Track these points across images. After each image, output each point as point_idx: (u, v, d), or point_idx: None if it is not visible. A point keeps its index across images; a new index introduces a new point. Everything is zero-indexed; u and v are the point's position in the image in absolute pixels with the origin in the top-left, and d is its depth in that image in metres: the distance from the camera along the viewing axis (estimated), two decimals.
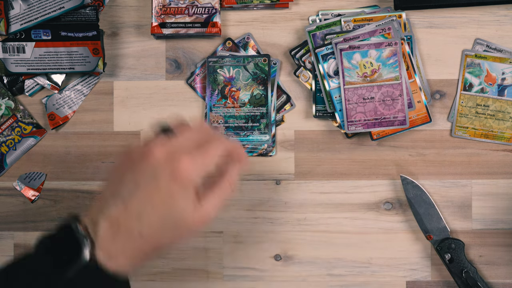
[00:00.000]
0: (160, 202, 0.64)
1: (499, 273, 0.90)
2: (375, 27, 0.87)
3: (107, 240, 0.64)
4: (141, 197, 0.64)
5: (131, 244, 0.65)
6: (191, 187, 0.63)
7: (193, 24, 0.88)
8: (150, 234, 0.65)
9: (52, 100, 0.91)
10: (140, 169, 0.65)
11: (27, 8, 0.87)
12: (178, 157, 0.64)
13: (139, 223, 0.64)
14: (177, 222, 0.64)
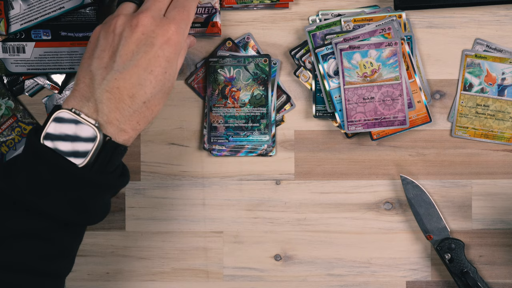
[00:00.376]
0: (159, 67, 0.70)
1: (499, 273, 0.90)
2: (375, 27, 0.87)
3: (113, 112, 0.69)
4: (140, 65, 0.70)
5: (135, 113, 0.70)
6: (183, 49, 0.74)
7: (193, 24, 0.88)
8: (151, 99, 0.70)
9: (52, 100, 0.91)
10: (132, 39, 0.70)
11: (27, 8, 0.87)
12: (168, 24, 0.71)
13: (142, 90, 0.70)
14: (171, 83, 0.72)
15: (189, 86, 0.91)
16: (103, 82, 0.68)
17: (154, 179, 0.91)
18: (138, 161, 0.91)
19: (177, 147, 0.91)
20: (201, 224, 0.91)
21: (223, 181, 0.91)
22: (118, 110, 0.68)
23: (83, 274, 0.91)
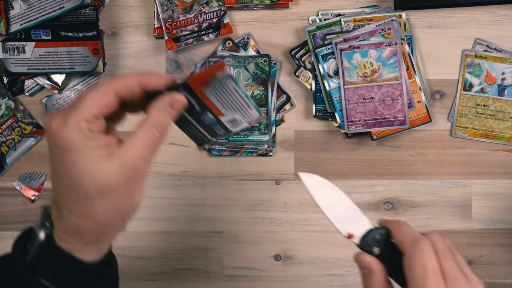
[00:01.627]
0: (60, 172, 0.58)
1: (499, 273, 0.90)
2: (375, 27, 0.87)
3: (56, 222, 0.60)
4: (51, 174, 0.59)
5: (70, 223, 0.60)
6: (78, 143, 0.56)
7: (206, 30, 0.88)
8: (75, 207, 0.59)
9: (52, 100, 0.91)
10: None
11: (27, 8, 0.87)
12: (51, 120, 0.57)
13: (61, 198, 0.59)
14: (92, 185, 0.57)
15: None
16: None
17: (154, 179, 0.91)
18: None
19: (177, 147, 0.91)
20: (201, 224, 0.91)
21: (223, 181, 0.91)
22: (57, 218, 0.61)
23: None
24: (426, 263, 0.59)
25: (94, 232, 0.60)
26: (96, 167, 0.56)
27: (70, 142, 0.56)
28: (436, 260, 0.60)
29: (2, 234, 0.92)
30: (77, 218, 0.59)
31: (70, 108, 0.57)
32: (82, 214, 0.59)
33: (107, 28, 0.91)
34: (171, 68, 0.91)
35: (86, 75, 0.91)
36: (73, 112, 0.56)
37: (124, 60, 0.91)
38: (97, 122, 0.57)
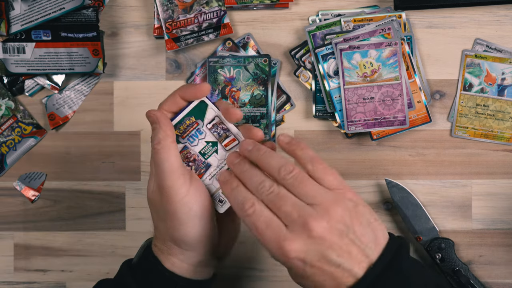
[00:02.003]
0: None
1: (499, 273, 0.90)
2: (375, 27, 0.87)
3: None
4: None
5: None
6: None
7: (206, 30, 0.88)
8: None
9: (52, 100, 0.91)
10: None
11: (27, 9, 0.87)
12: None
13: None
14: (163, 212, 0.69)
15: None
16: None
17: None
18: (138, 161, 0.91)
19: None
20: None
21: None
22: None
23: (83, 274, 0.92)
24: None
25: (158, 239, 0.71)
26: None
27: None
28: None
29: (2, 234, 0.92)
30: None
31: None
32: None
33: (107, 28, 0.91)
34: (171, 68, 0.91)
35: (86, 75, 0.91)
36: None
37: (124, 60, 0.91)
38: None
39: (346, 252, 0.60)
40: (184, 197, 0.67)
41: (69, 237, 0.92)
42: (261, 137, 0.68)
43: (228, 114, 0.69)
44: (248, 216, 0.62)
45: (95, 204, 0.92)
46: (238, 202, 0.64)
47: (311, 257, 0.60)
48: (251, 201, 0.63)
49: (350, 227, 0.61)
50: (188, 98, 0.70)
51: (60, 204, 0.92)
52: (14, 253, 0.92)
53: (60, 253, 0.92)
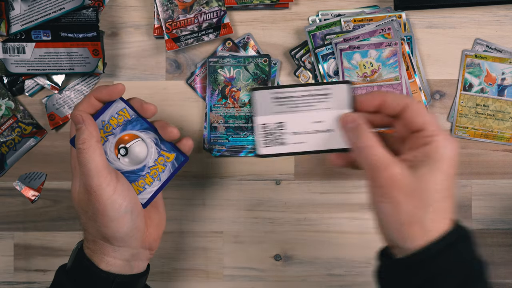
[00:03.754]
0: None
1: (499, 273, 0.90)
2: (375, 27, 0.87)
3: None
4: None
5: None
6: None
7: (206, 30, 0.88)
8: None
9: (52, 100, 0.91)
10: None
11: (27, 9, 0.87)
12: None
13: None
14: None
15: (189, 86, 0.91)
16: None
17: None
18: None
19: None
20: (201, 224, 0.91)
21: (223, 181, 0.91)
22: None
23: None
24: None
25: (88, 240, 0.72)
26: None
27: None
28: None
29: (2, 234, 0.92)
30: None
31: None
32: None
33: (107, 28, 0.91)
34: (171, 68, 0.91)
35: (86, 75, 0.91)
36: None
37: (124, 60, 0.91)
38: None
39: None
40: (113, 195, 0.69)
41: (69, 237, 0.92)
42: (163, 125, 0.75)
43: (143, 110, 0.74)
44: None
45: None
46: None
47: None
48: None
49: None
50: (103, 100, 0.73)
51: (60, 204, 0.92)
52: (14, 253, 0.92)
53: (60, 253, 0.92)
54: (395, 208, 0.63)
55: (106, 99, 0.73)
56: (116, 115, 0.73)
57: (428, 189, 0.63)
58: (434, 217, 0.63)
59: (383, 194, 0.64)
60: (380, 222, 0.65)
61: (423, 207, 0.63)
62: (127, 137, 0.73)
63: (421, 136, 0.66)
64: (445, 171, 0.64)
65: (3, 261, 0.92)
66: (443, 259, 0.63)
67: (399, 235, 0.64)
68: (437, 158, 0.64)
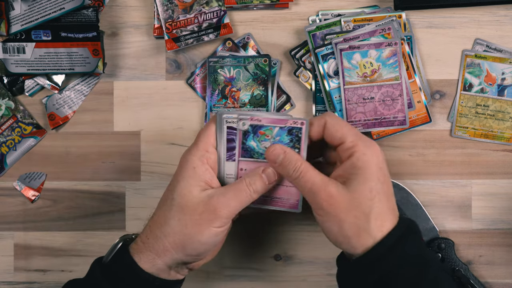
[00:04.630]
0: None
1: (499, 273, 0.90)
2: (375, 27, 0.87)
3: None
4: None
5: (146, 227, 0.74)
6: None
7: (206, 30, 0.88)
8: (156, 211, 0.74)
9: (52, 100, 0.91)
10: None
11: (27, 9, 0.87)
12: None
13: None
14: (178, 197, 0.72)
15: (189, 86, 0.91)
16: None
17: (154, 179, 0.91)
18: (138, 161, 0.91)
19: (177, 147, 0.91)
20: None
21: None
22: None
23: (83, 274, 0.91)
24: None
25: (157, 238, 0.71)
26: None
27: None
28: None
29: (2, 234, 0.92)
30: (152, 221, 0.73)
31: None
32: (158, 217, 0.73)
33: (107, 28, 0.91)
34: (171, 68, 0.91)
35: (86, 75, 0.91)
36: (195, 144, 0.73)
37: (124, 60, 0.91)
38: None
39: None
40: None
41: (69, 237, 0.92)
42: None
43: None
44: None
45: (95, 204, 0.92)
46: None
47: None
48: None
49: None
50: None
51: (60, 204, 0.92)
52: (14, 253, 0.92)
53: (60, 253, 0.92)
54: (339, 225, 0.68)
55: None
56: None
57: (363, 199, 0.68)
58: (376, 222, 0.68)
59: (326, 214, 0.69)
60: (330, 238, 0.70)
61: (364, 217, 0.67)
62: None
63: (344, 149, 0.71)
64: (372, 177, 0.68)
65: (3, 261, 0.92)
66: (392, 255, 0.67)
67: (349, 247, 0.69)
68: (362, 166, 0.69)
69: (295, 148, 0.73)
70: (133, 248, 0.72)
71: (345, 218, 0.68)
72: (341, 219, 0.68)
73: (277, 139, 0.73)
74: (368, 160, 0.69)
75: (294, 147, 0.73)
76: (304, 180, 0.70)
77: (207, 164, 0.73)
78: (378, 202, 0.68)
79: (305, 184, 0.70)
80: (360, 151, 0.69)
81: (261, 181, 0.73)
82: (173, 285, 0.74)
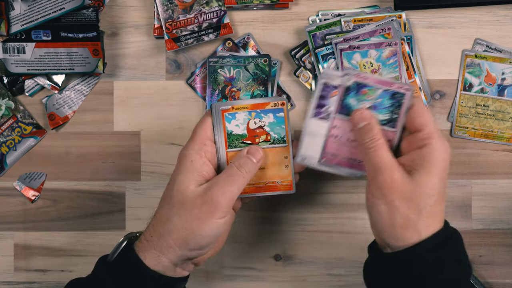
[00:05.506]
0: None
1: (498, 273, 0.90)
2: (375, 27, 0.87)
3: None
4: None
5: (150, 225, 0.74)
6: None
7: (206, 30, 0.88)
8: (158, 208, 0.75)
9: (52, 100, 0.91)
10: None
11: (27, 9, 0.87)
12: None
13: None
14: (177, 194, 0.73)
15: (189, 86, 0.91)
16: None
17: (154, 179, 0.91)
18: (138, 161, 0.91)
19: (177, 147, 0.91)
20: None
21: None
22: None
23: (83, 274, 0.91)
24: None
25: (160, 236, 0.71)
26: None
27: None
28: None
29: (2, 234, 0.92)
30: (154, 219, 0.73)
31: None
32: (159, 215, 0.73)
33: (107, 28, 0.91)
34: (171, 68, 0.91)
35: (86, 75, 0.91)
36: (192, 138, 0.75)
37: (124, 60, 0.91)
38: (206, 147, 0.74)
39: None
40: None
41: (69, 237, 0.92)
42: None
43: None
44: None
45: (95, 204, 0.92)
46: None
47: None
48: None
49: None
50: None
51: (60, 204, 0.92)
52: (14, 253, 0.92)
53: (60, 253, 0.92)
54: (391, 211, 0.66)
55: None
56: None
57: (423, 194, 0.66)
58: (427, 220, 0.66)
59: (381, 196, 0.67)
60: (374, 222, 0.68)
61: (417, 211, 0.66)
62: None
63: (418, 137, 0.69)
64: (439, 174, 0.67)
65: (3, 261, 0.92)
66: (434, 256, 0.66)
67: (392, 236, 0.67)
68: (432, 160, 0.67)
69: (394, 114, 0.72)
70: (137, 247, 0.73)
71: (399, 207, 0.66)
72: (395, 206, 0.66)
73: (379, 101, 0.73)
74: (439, 156, 0.68)
75: (393, 113, 0.72)
76: (375, 154, 0.68)
77: (205, 157, 0.73)
78: (435, 200, 0.67)
79: (374, 159, 0.68)
80: (434, 144, 0.68)
81: (249, 161, 0.73)
82: (178, 282, 0.74)
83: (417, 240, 0.66)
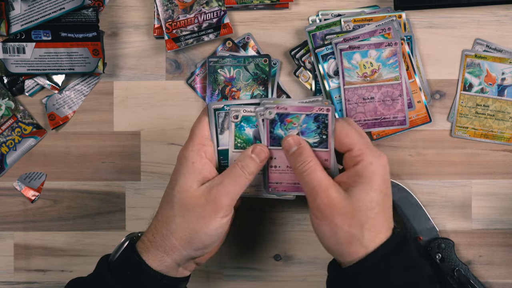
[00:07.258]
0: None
1: (498, 273, 0.90)
2: (375, 27, 0.87)
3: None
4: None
5: (151, 225, 0.75)
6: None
7: (206, 30, 0.88)
8: (159, 209, 0.76)
9: (52, 100, 0.91)
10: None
11: (27, 9, 0.87)
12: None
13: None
14: (178, 194, 0.73)
15: (189, 86, 0.91)
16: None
17: (154, 179, 0.91)
18: (138, 161, 0.91)
19: (177, 147, 0.91)
20: None
21: None
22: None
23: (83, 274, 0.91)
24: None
25: (164, 237, 0.72)
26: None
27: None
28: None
29: (2, 234, 0.92)
30: (156, 220, 0.74)
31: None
32: (161, 216, 0.73)
33: (107, 28, 0.91)
34: (171, 68, 0.91)
35: (86, 75, 0.91)
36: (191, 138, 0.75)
37: (124, 60, 0.91)
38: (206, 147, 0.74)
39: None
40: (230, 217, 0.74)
41: (69, 237, 0.92)
42: None
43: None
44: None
45: (95, 204, 0.92)
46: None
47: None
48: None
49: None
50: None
51: (60, 204, 0.92)
52: (14, 253, 0.92)
53: (60, 253, 0.92)
54: (333, 230, 0.68)
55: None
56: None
57: (362, 209, 0.68)
58: (370, 233, 0.68)
59: (323, 217, 0.69)
60: (322, 242, 0.71)
61: (359, 226, 0.68)
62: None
63: (351, 156, 0.71)
64: (375, 187, 0.69)
65: (3, 261, 0.92)
66: (383, 266, 0.68)
67: (340, 254, 0.69)
68: (367, 176, 0.69)
69: (322, 135, 0.73)
70: (140, 247, 0.73)
71: (341, 225, 0.68)
72: (336, 224, 0.68)
73: (304, 126, 0.74)
74: (374, 171, 0.69)
75: (321, 134, 0.74)
76: (309, 177, 0.70)
77: (205, 158, 0.73)
78: (376, 213, 0.68)
79: (310, 182, 0.70)
80: (366, 160, 0.69)
81: (252, 161, 0.73)
82: (180, 282, 0.75)
83: (364, 254, 0.68)
